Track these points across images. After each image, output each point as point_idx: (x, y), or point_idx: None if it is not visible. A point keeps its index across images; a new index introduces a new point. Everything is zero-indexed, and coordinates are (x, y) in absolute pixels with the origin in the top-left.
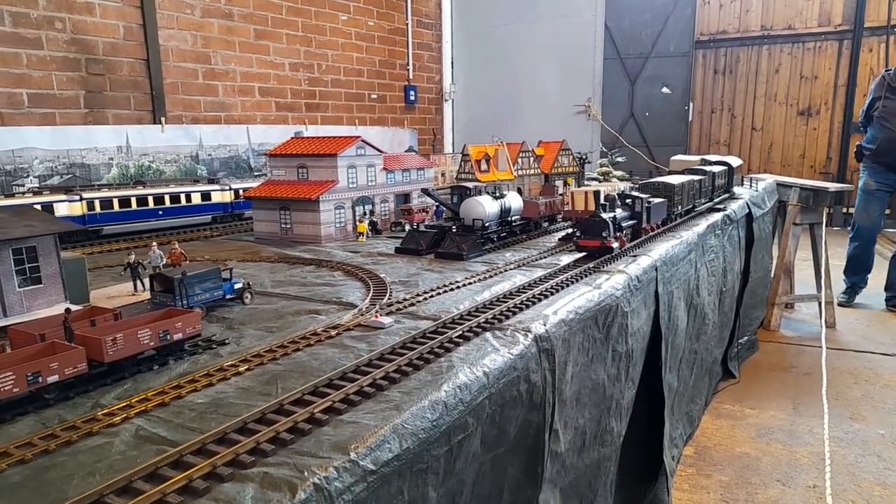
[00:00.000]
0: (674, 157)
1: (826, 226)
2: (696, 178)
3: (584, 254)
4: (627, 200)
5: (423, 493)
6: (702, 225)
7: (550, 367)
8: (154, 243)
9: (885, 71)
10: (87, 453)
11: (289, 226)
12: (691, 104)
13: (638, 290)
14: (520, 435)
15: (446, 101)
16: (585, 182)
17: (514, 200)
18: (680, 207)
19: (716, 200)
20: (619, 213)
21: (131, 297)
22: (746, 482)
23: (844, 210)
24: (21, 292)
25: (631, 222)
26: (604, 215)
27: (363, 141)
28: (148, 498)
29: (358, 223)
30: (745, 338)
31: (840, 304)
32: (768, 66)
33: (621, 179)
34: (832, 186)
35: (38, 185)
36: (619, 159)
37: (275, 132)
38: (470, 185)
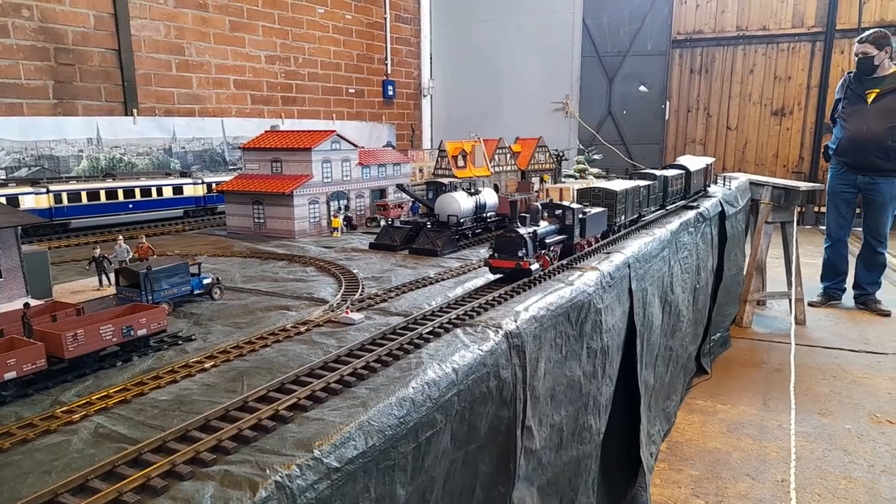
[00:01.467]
0: (680, 158)
1: (797, 224)
2: (644, 183)
3: (498, 276)
4: (557, 211)
5: (390, 490)
6: (675, 223)
7: (521, 364)
8: (120, 237)
9: (847, 73)
10: (43, 451)
11: (262, 220)
12: (668, 103)
13: (611, 286)
14: (491, 431)
15: (425, 96)
16: (562, 179)
17: (489, 197)
18: (623, 217)
19: (669, 208)
20: (543, 227)
21: (96, 292)
22: (717, 476)
23: (816, 209)
24: None
25: (558, 238)
26: (522, 230)
27: (338, 135)
28: (104, 497)
29: (332, 218)
30: (718, 334)
31: (811, 304)
32: (743, 66)
33: (597, 177)
34: (803, 185)
35: (3, 178)
36: (596, 157)
37: (250, 126)
38: (445, 181)
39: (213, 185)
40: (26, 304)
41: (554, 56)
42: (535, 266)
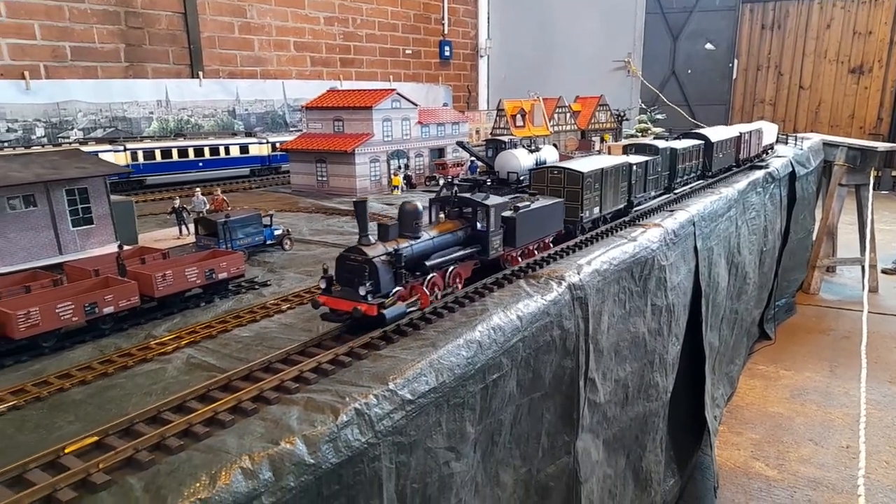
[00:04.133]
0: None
1: (874, 188)
2: (637, 160)
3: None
4: (466, 209)
5: (460, 427)
6: (742, 182)
7: (584, 316)
8: (198, 189)
9: None
10: (143, 377)
11: (325, 178)
12: (736, 61)
13: (675, 244)
14: (555, 381)
15: (481, 56)
16: (623, 139)
17: (549, 154)
18: (597, 210)
19: (677, 192)
20: (423, 239)
21: (176, 241)
22: (778, 441)
23: (894, 173)
24: (75, 232)
25: (461, 252)
26: (372, 249)
27: (398, 94)
28: (200, 415)
29: (392, 176)
30: (784, 300)
31: (884, 272)
32: (819, 20)
33: (658, 137)
34: (881, 146)
35: (83, 137)
36: (659, 116)
37: (310, 87)
38: (505, 138)
39: (278, 145)
40: (120, 246)
41: (615, 13)
42: (392, 311)
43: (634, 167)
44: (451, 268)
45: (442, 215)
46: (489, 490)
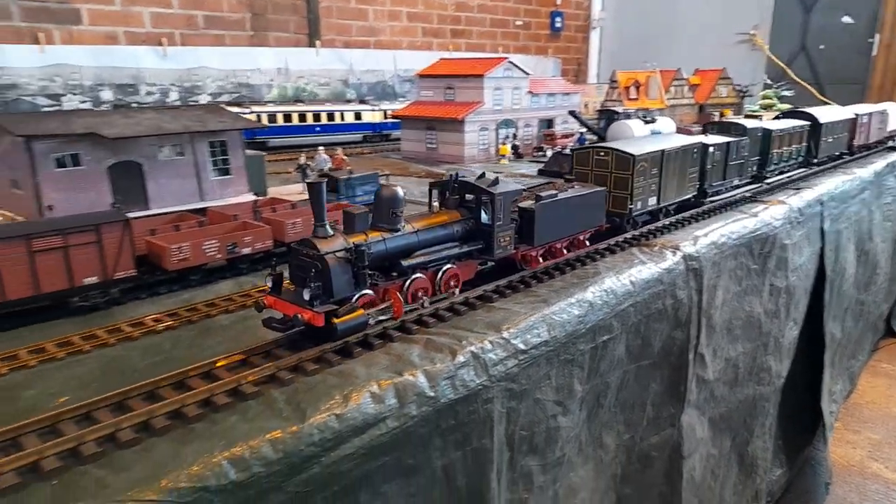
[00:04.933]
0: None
1: None
2: (716, 141)
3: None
4: (468, 198)
5: (569, 383)
6: (879, 162)
7: (698, 288)
8: (321, 148)
9: None
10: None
11: (434, 145)
12: (877, 36)
13: (800, 223)
14: (664, 351)
15: (594, 28)
16: (744, 116)
17: (666, 126)
18: (653, 200)
19: (770, 181)
20: (409, 230)
21: (300, 195)
22: None
23: None
24: (214, 181)
25: (458, 250)
26: (328, 244)
27: (510, 62)
28: (333, 345)
29: (500, 145)
30: None
31: None
32: None
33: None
34: None
35: (211, 101)
36: (787, 93)
37: (419, 58)
38: (619, 109)
39: (389, 113)
40: (257, 194)
41: None
42: (348, 322)
43: (711, 149)
44: (444, 268)
45: (436, 203)
46: (592, 450)
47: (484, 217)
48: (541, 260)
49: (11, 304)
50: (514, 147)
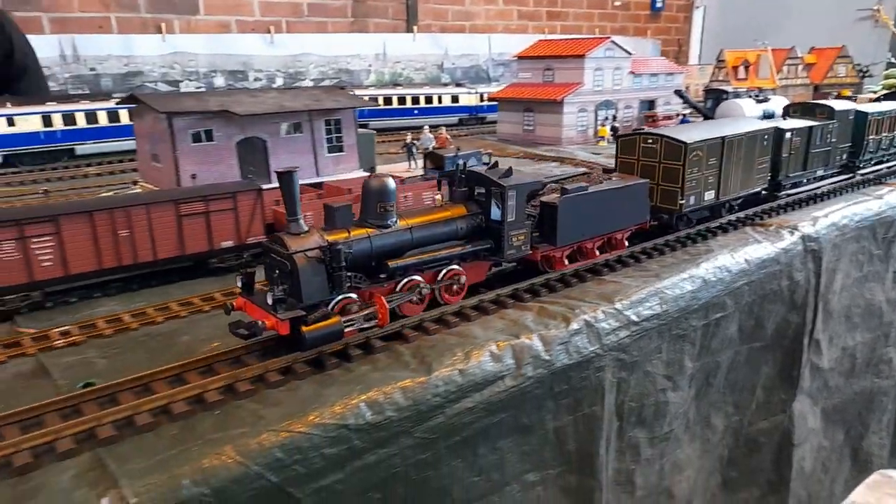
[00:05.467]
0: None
1: None
2: (794, 126)
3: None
4: (478, 190)
5: (679, 359)
6: None
7: (816, 270)
8: (426, 127)
9: None
10: None
11: (531, 127)
12: None
13: None
14: (777, 334)
15: (697, 7)
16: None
17: (779, 105)
18: (710, 194)
19: (864, 172)
20: (402, 226)
21: (406, 172)
22: None
23: None
24: (329, 157)
25: (462, 250)
26: (302, 241)
27: (613, 42)
28: (439, 312)
29: (599, 127)
30: None
31: None
32: None
33: None
34: None
35: (314, 86)
36: None
37: (514, 42)
38: (728, 88)
39: (486, 95)
40: (371, 169)
41: None
42: (320, 331)
43: (788, 135)
44: (445, 270)
45: (438, 196)
46: (699, 430)
47: (494, 212)
48: (566, 262)
49: (162, 263)
50: (614, 129)
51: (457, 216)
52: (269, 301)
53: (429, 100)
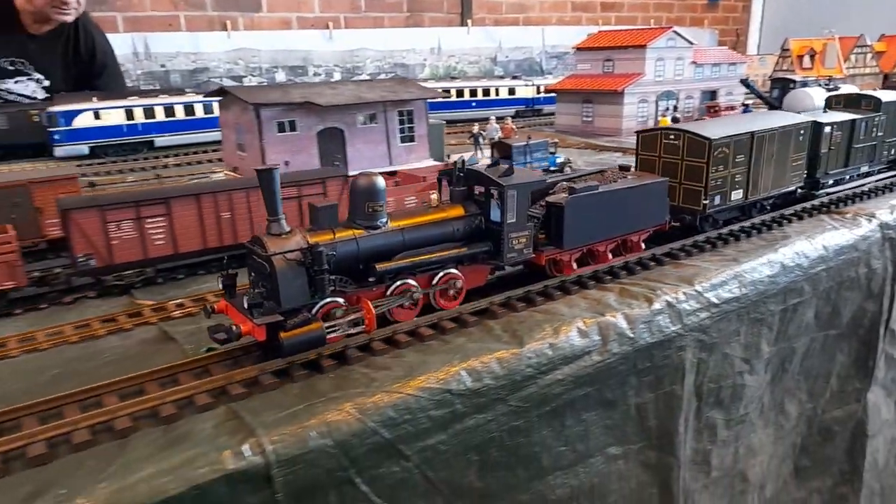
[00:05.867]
0: None
1: None
2: (835, 119)
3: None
4: (477, 190)
5: (756, 342)
6: None
7: (893, 259)
8: (492, 118)
9: None
10: None
11: (590, 118)
12: None
13: None
14: (853, 322)
15: None
16: None
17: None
18: (738, 194)
19: None
20: (392, 227)
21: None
22: None
23: None
24: (401, 147)
25: (458, 252)
26: (282, 243)
27: (675, 31)
28: (534, 286)
29: (660, 118)
30: None
31: None
32: None
33: None
34: None
35: (386, 78)
36: None
37: (567, 34)
38: (796, 77)
39: (542, 88)
40: (457, 157)
41: None
42: (299, 337)
43: (827, 129)
44: (441, 273)
45: (434, 196)
46: (773, 415)
47: (494, 213)
48: (575, 266)
49: None
50: (675, 119)
51: (453, 217)
52: (245, 305)
53: (486, 92)
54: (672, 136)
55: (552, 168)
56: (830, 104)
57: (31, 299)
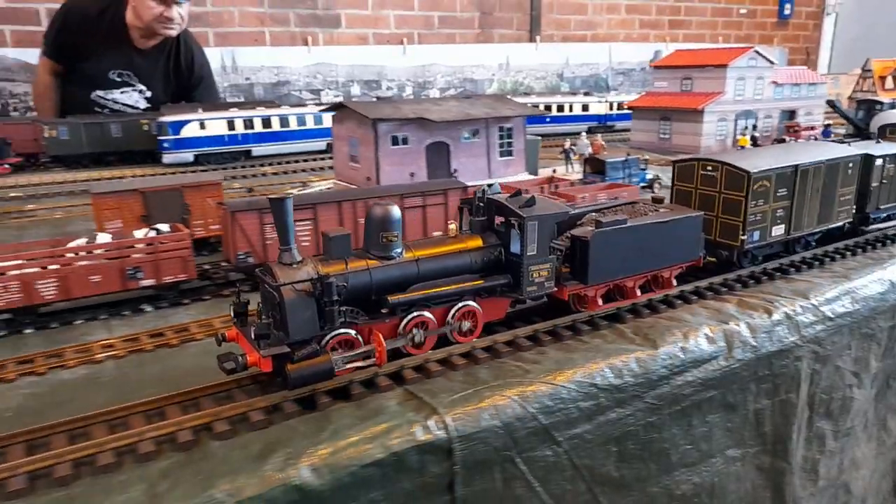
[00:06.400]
0: None
1: None
2: (889, 150)
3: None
4: (497, 220)
5: (865, 357)
6: None
7: None
8: (583, 133)
9: None
10: None
11: (667, 136)
12: None
13: None
14: None
15: (828, 14)
16: None
17: None
18: (779, 230)
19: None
20: (407, 258)
21: (564, 176)
22: None
23: None
24: (500, 161)
25: (475, 285)
26: (292, 273)
27: (756, 51)
28: (655, 294)
29: (739, 137)
30: None
31: None
32: None
33: None
34: None
35: (440, 96)
36: None
37: (634, 51)
38: (884, 98)
39: (616, 104)
40: (554, 170)
41: None
42: (305, 369)
43: (879, 162)
44: (458, 306)
45: (453, 226)
46: (875, 430)
47: (514, 245)
48: (600, 302)
49: None
50: (754, 138)
51: (471, 248)
52: (252, 336)
53: (560, 108)
54: (710, 168)
55: (642, 184)
56: (884, 133)
57: (195, 291)
